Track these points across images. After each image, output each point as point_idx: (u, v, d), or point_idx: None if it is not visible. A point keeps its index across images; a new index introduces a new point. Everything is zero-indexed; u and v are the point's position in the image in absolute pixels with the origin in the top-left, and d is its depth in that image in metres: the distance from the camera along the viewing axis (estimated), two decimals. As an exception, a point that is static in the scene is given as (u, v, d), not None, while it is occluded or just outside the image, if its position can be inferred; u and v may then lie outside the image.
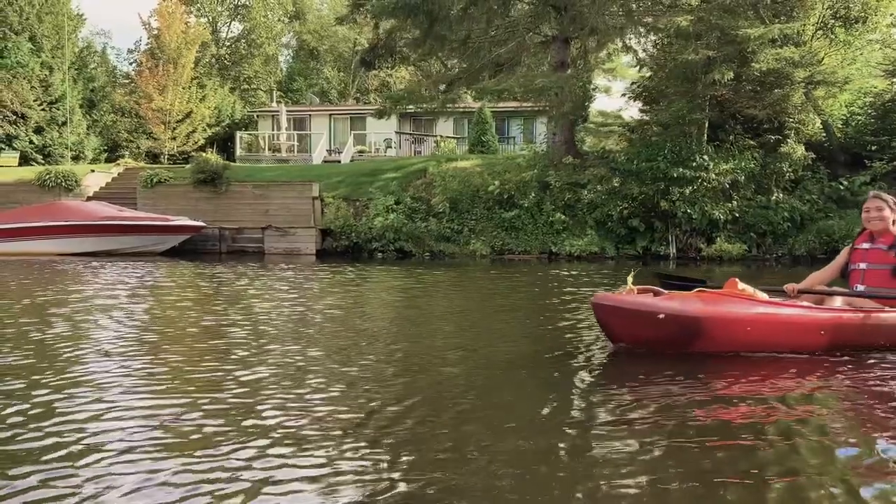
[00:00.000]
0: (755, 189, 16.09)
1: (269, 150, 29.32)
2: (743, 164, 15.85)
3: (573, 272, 11.75)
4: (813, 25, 16.18)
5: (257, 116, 33.15)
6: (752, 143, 16.32)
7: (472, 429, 2.76)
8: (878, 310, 4.42)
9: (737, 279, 4.34)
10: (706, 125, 16.60)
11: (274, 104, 33.93)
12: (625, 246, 16.31)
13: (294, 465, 2.33)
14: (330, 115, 32.37)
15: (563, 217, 16.49)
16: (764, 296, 4.36)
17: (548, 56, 21.22)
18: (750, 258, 15.60)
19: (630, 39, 18.97)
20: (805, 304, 4.41)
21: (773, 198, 15.96)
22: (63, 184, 19.98)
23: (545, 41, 18.54)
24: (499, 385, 3.56)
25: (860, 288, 4.63)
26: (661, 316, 4.00)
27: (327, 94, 40.30)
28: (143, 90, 30.97)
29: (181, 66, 31.50)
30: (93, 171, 21.92)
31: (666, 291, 4.36)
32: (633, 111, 37.06)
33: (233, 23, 39.76)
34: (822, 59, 15.87)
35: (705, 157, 15.68)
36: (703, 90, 15.09)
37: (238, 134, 30.71)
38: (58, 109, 28.37)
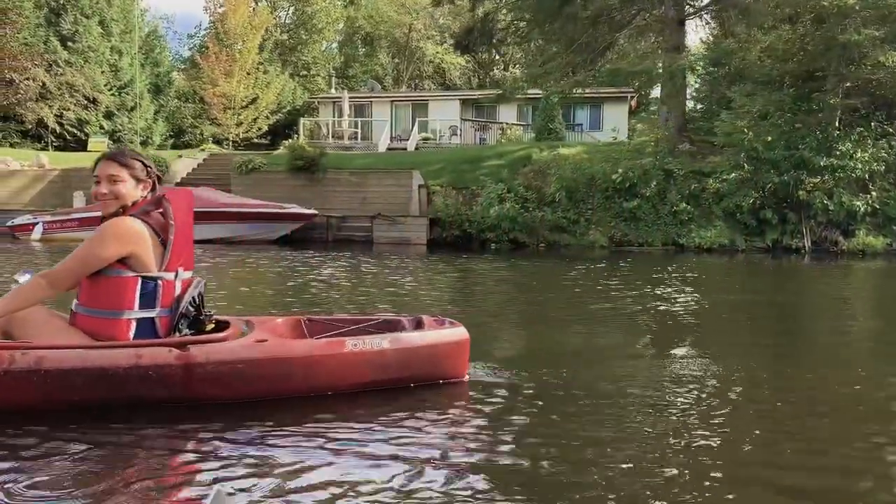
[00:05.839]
0: (893, 179, 15.28)
1: (332, 137, 28.75)
2: (879, 152, 15.06)
3: (700, 267, 11.03)
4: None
5: (318, 103, 32.57)
6: (890, 130, 15.48)
7: None
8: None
9: None
10: (838, 111, 15.78)
11: (333, 90, 33.32)
12: (753, 238, 15.55)
13: None
14: (392, 101, 31.71)
15: (688, 207, 15.76)
16: None
17: (641, 41, 20.50)
18: (892, 252, 14.80)
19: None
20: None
21: (917, 188, 15.14)
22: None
23: (659, 22, 17.77)
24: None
25: (74, 305, 2.96)
26: None
27: (381, 81, 39.61)
28: (209, 75, 30.43)
29: (246, 51, 30.92)
30: (180, 156, 21.48)
31: None
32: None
33: (291, 7, 39.08)
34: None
35: (848, 144, 14.87)
36: (850, 73, 14.26)
37: (301, 121, 30.12)
38: (127, 94, 27.96)
